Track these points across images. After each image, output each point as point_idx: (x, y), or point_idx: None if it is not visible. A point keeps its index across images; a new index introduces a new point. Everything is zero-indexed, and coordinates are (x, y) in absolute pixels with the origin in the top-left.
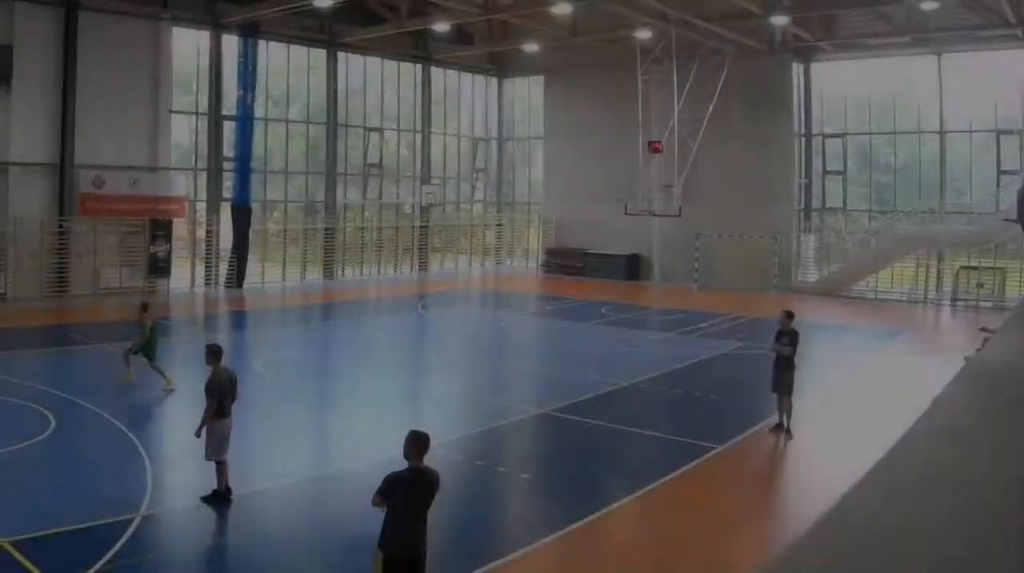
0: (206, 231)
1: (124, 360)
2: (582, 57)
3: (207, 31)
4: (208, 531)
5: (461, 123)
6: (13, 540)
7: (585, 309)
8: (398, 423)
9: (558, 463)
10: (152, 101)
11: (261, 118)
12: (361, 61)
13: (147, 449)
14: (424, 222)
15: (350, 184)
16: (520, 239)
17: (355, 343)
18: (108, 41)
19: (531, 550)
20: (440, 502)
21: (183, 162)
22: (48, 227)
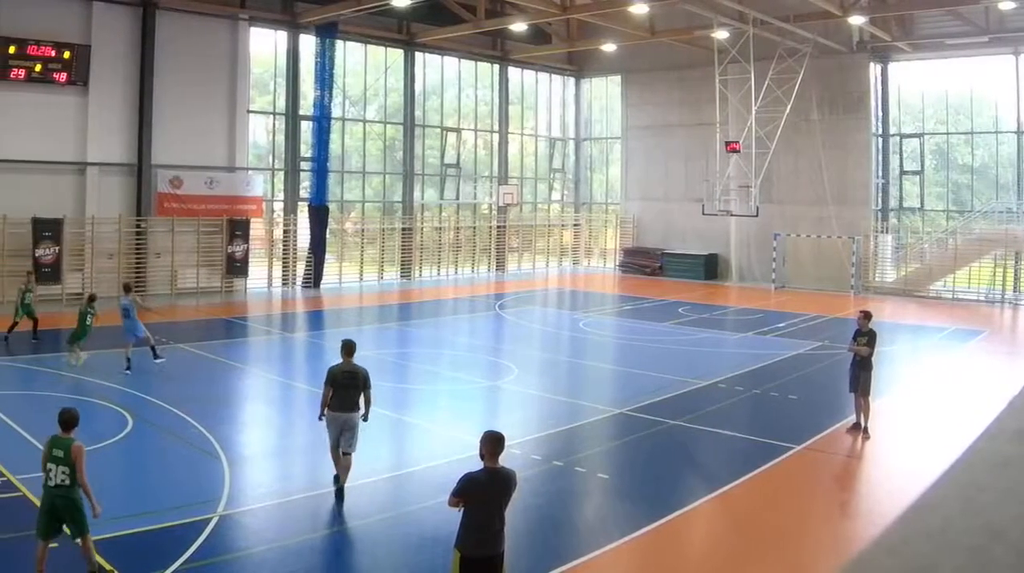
0: (283, 231)
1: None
2: (660, 57)
3: (285, 31)
4: (285, 530)
5: (539, 123)
6: (92, 540)
7: (663, 309)
8: (475, 423)
9: (636, 463)
10: (230, 101)
11: (338, 118)
12: (439, 61)
13: (225, 449)
14: (501, 222)
15: (427, 184)
16: (597, 239)
17: (432, 343)
18: (185, 41)
19: (608, 550)
20: (517, 502)
21: (260, 162)
22: (126, 227)
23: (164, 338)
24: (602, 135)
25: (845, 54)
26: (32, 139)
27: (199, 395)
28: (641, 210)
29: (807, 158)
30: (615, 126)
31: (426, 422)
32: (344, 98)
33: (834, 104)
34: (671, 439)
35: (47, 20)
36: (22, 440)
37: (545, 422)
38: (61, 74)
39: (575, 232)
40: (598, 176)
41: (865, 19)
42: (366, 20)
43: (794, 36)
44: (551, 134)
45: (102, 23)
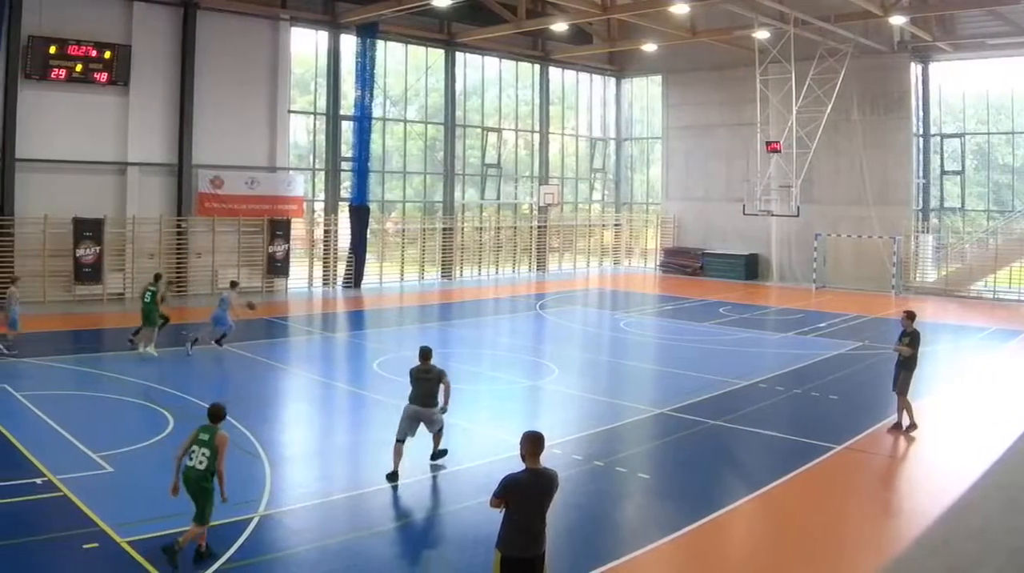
0: (324, 231)
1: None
2: (700, 57)
3: (325, 31)
4: (326, 530)
5: (579, 123)
6: (132, 540)
7: (704, 309)
8: (516, 423)
9: (676, 463)
10: (270, 101)
11: (379, 118)
12: (479, 61)
13: (266, 449)
14: (542, 222)
15: (468, 184)
16: (638, 239)
17: (473, 343)
18: (226, 41)
19: (649, 550)
20: (559, 501)
21: (301, 162)
22: (166, 227)
23: (205, 338)
24: (643, 135)
25: (886, 54)
26: (73, 139)
27: (240, 395)
28: (682, 210)
29: (848, 158)
30: (656, 126)
31: (467, 422)
32: (385, 98)
33: (875, 104)
34: (712, 439)
35: (88, 20)
36: (64, 440)
37: (586, 422)
38: (102, 74)
39: (616, 232)
40: (639, 176)
41: (906, 19)
42: (407, 20)
43: (835, 36)
44: (592, 134)
45: (143, 23)
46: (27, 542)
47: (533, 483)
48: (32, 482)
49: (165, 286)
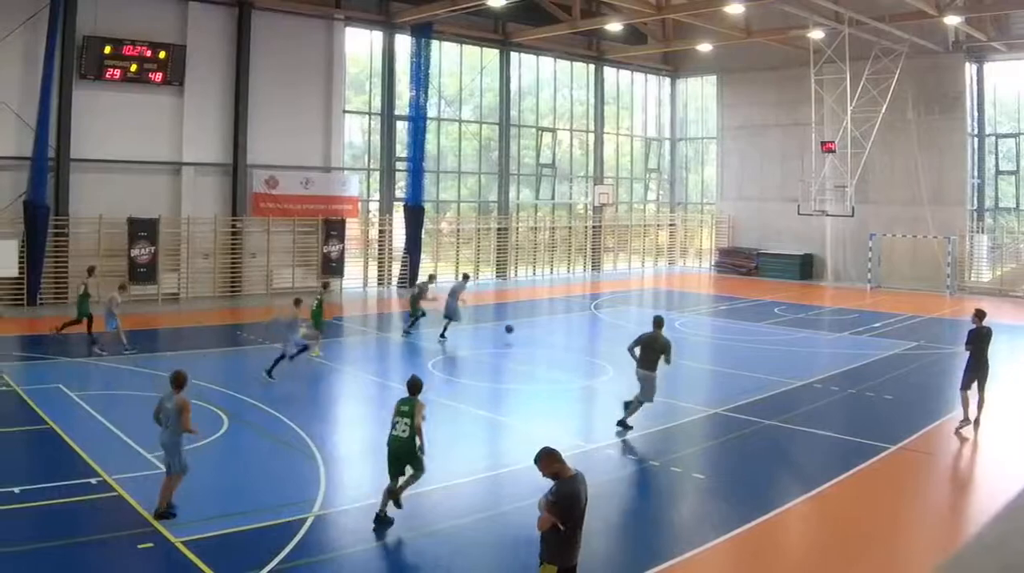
0: (379, 231)
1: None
2: (755, 57)
3: (380, 31)
4: (380, 530)
5: (634, 123)
6: (186, 540)
7: (759, 309)
8: (572, 423)
9: (731, 463)
10: (325, 101)
11: (434, 118)
12: (534, 60)
13: (320, 448)
14: (597, 222)
15: (523, 184)
16: (693, 239)
17: (528, 343)
18: (281, 41)
19: (704, 550)
20: (615, 501)
21: (356, 162)
22: (221, 227)
23: (260, 338)
24: (697, 135)
25: (941, 54)
26: (127, 139)
27: (294, 395)
28: (736, 210)
29: (902, 158)
30: (711, 126)
31: (522, 422)
32: (440, 98)
33: (930, 104)
34: (766, 439)
35: (142, 20)
36: (118, 440)
37: (641, 422)
38: (157, 74)
39: (670, 232)
40: (693, 176)
41: (960, 19)
42: (461, 20)
43: (890, 36)
44: (646, 134)
45: (197, 23)
46: (82, 542)
47: (582, 488)
48: (87, 482)
49: (96, 283)
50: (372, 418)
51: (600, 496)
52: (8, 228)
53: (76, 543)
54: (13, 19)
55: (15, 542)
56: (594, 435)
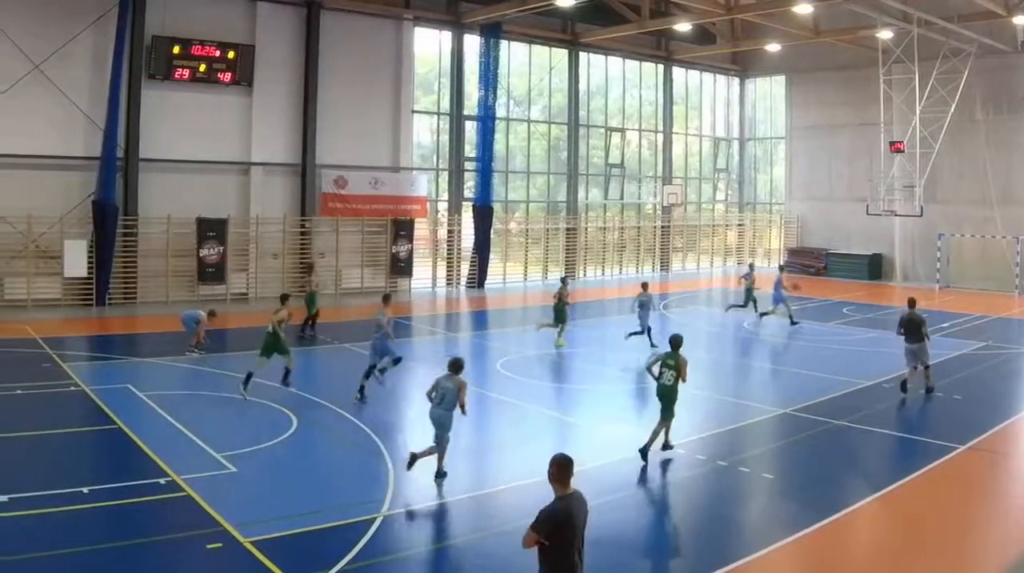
0: (447, 231)
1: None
2: (824, 57)
3: (449, 31)
4: (448, 531)
5: (703, 123)
6: (255, 540)
7: (827, 309)
8: (639, 423)
9: (800, 463)
10: (394, 101)
11: (503, 118)
12: (603, 60)
13: (388, 448)
14: (665, 222)
15: (591, 184)
16: (762, 239)
17: (596, 343)
18: (349, 41)
19: (772, 550)
20: (683, 501)
21: (425, 162)
22: (290, 227)
23: (329, 338)
24: (766, 135)
25: (1010, 54)
26: (196, 139)
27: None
28: (805, 210)
29: (971, 158)
30: (779, 126)
31: (589, 422)
32: (508, 98)
33: (999, 104)
34: (835, 439)
35: (211, 20)
36: (187, 440)
37: (709, 422)
38: (225, 74)
39: (739, 232)
40: (762, 176)
41: None
42: (530, 20)
43: (958, 36)
44: (715, 134)
45: (266, 23)
46: (151, 542)
47: (578, 508)
48: (156, 482)
49: (315, 281)
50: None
51: (669, 496)
52: (77, 228)
53: (144, 543)
54: (82, 20)
55: (84, 542)
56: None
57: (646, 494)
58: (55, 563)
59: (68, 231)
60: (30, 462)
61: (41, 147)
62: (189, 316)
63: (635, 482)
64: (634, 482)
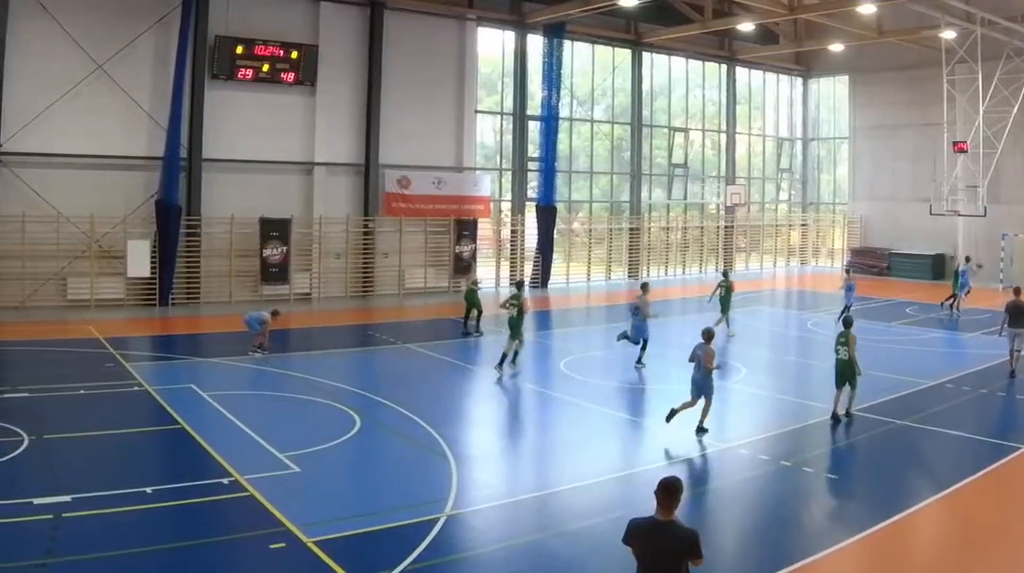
0: (511, 231)
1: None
2: (887, 57)
3: (512, 31)
4: (512, 531)
5: (766, 123)
6: (318, 540)
7: (890, 309)
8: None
9: (863, 463)
10: (457, 101)
11: (566, 118)
12: (666, 60)
13: (452, 448)
14: (729, 222)
15: (655, 184)
16: (825, 239)
17: (659, 343)
18: (413, 41)
19: (836, 550)
20: (747, 501)
21: (488, 162)
22: (353, 227)
23: (392, 338)
24: (829, 135)
25: None
26: (259, 139)
27: (426, 395)
28: (868, 210)
29: None
30: (842, 126)
31: (653, 422)
32: (572, 98)
33: None
34: (898, 439)
35: (274, 20)
36: (250, 440)
37: (773, 422)
38: (289, 74)
39: (802, 232)
40: (825, 176)
41: None
42: (594, 20)
43: (1022, 36)
44: (778, 134)
45: (329, 23)
46: (214, 542)
47: (648, 534)
48: (219, 482)
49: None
50: (504, 418)
51: (733, 496)
52: (140, 228)
53: (207, 543)
54: (145, 20)
55: (147, 543)
56: (727, 435)
57: (710, 494)
58: (118, 563)
59: (131, 231)
60: (93, 462)
61: (104, 147)
62: (253, 318)
63: (699, 482)
64: (699, 482)
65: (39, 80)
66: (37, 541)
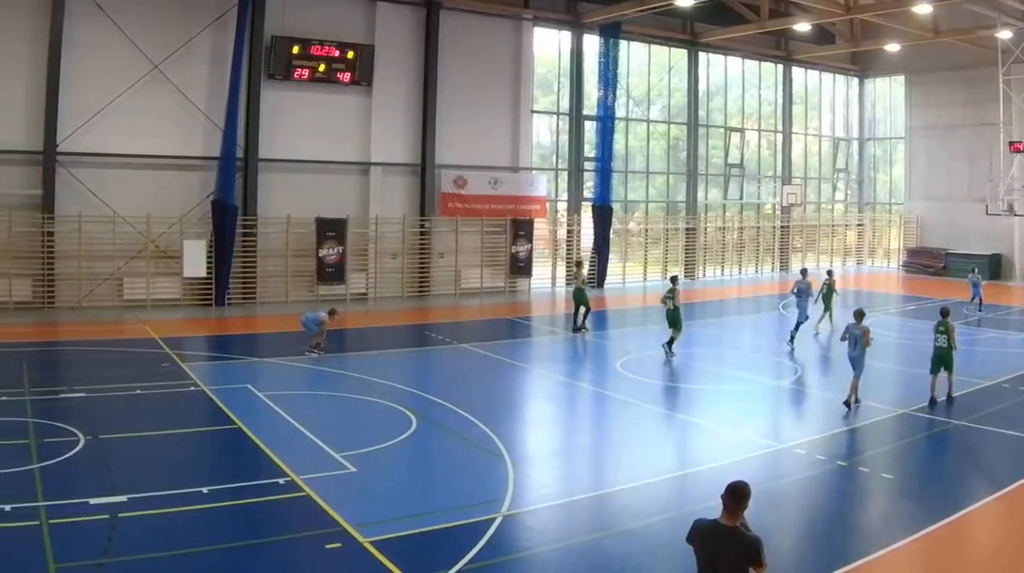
0: (567, 231)
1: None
2: (943, 57)
3: (568, 31)
4: (569, 531)
5: (822, 123)
6: (374, 540)
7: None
8: (759, 423)
9: (919, 463)
10: (513, 101)
11: (622, 118)
12: (722, 60)
13: (508, 448)
14: (785, 222)
15: (711, 184)
16: (881, 239)
17: (715, 342)
18: (468, 41)
19: (892, 550)
20: (803, 501)
21: (544, 162)
22: (409, 227)
23: (448, 338)
24: (885, 135)
25: None
26: (315, 139)
27: (482, 394)
28: (925, 210)
29: None
30: (899, 126)
31: (709, 422)
32: (628, 98)
33: None
34: (954, 439)
35: (330, 20)
36: (306, 440)
37: (829, 422)
38: (345, 74)
39: (859, 232)
40: (882, 176)
41: None
42: (650, 20)
43: None
44: (834, 134)
45: (385, 23)
46: (270, 542)
47: (709, 538)
48: (275, 482)
49: (583, 276)
50: (560, 418)
51: (788, 496)
52: (196, 228)
53: (263, 543)
54: (201, 20)
55: (203, 543)
56: (783, 435)
57: (767, 494)
58: (174, 563)
59: (187, 231)
60: (149, 462)
61: (160, 147)
62: (310, 318)
63: (756, 482)
64: (755, 482)
65: (95, 80)
66: (93, 541)
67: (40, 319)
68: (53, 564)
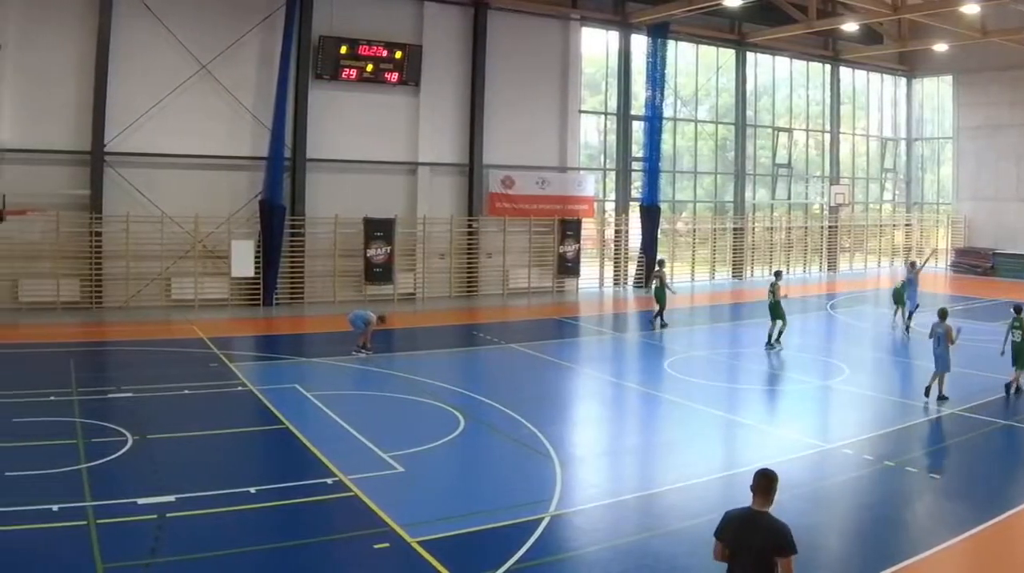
0: (615, 231)
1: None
2: (991, 57)
3: (616, 31)
4: (617, 531)
5: (870, 123)
6: (422, 540)
7: (994, 310)
8: (807, 423)
9: (967, 463)
10: (561, 101)
11: (670, 118)
12: (770, 60)
13: (556, 448)
14: (833, 222)
15: (759, 184)
16: (929, 239)
17: (763, 343)
18: (516, 41)
19: (939, 550)
20: (850, 501)
21: (592, 162)
22: (457, 227)
23: (496, 338)
24: (933, 135)
25: None
26: (363, 139)
27: (530, 395)
28: (972, 210)
29: None
30: (947, 126)
31: (757, 422)
32: (675, 98)
33: None
34: (1003, 440)
35: (378, 21)
36: (354, 440)
37: (876, 422)
38: (392, 74)
39: (906, 232)
40: (929, 176)
41: None
42: (697, 20)
43: None
44: (882, 134)
45: (433, 23)
46: (318, 542)
47: (740, 523)
48: (323, 482)
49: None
50: (608, 418)
51: (836, 496)
52: (244, 228)
53: (311, 543)
54: (249, 20)
55: (251, 543)
56: (830, 435)
57: (814, 493)
58: (222, 563)
59: (235, 231)
60: (197, 462)
61: (208, 147)
62: (358, 316)
63: (803, 482)
64: (802, 482)
65: (143, 80)
66: (141, 541)
67: (88, 319)
68: (101, 564)
